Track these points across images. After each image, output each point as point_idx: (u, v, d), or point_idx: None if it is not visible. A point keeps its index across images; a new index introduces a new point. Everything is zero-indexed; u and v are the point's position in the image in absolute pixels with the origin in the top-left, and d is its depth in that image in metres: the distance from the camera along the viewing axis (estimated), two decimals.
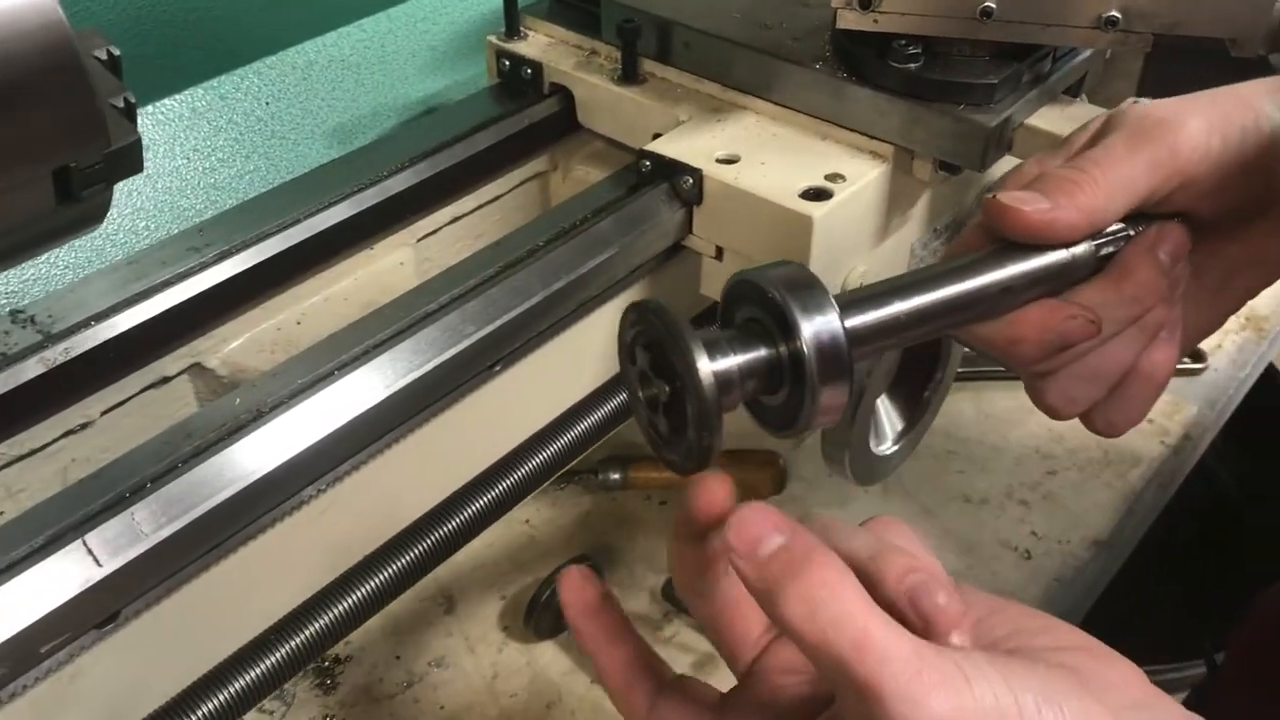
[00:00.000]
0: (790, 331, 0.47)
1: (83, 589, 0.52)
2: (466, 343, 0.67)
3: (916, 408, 0.82)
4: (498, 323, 0.68)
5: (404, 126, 0.99)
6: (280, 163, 0.97)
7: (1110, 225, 0.58)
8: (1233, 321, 1.15)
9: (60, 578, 0.52)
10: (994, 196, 0.57)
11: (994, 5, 0.71)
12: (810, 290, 0.48)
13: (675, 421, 0.49)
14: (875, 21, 0.73)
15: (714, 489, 0.49)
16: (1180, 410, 1.05)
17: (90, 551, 0.53)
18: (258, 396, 0.62)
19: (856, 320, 0.51)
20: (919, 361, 0.82)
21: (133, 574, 0.54)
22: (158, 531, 0.55)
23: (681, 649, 0.84)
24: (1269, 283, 0.64)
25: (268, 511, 0.61)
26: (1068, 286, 0.57)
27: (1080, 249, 0.56)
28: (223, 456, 0.58)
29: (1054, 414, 0.61)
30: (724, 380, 0.47)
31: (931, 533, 0.93)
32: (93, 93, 0.48)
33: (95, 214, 0.53)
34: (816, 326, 0.47)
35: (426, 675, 0.83)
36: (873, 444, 0.79)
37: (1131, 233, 0.58)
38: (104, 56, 0.55)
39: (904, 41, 0.74)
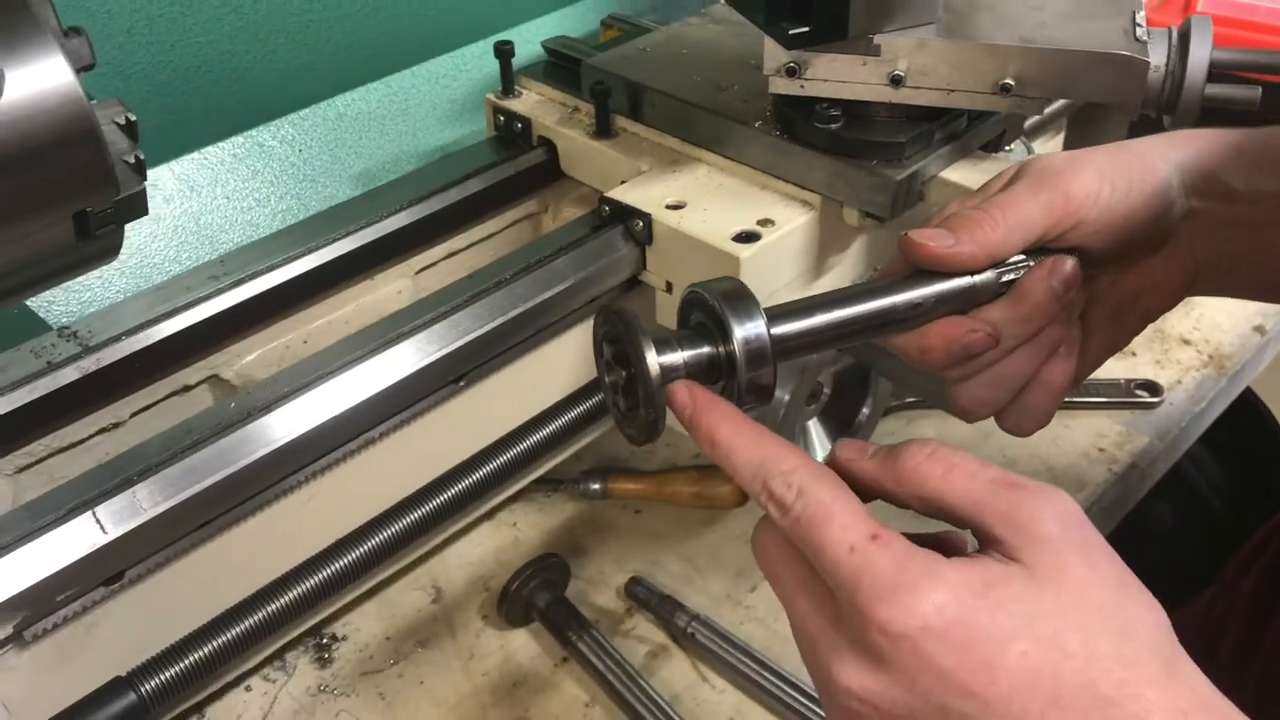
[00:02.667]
0: (725, 334, 0.58)
1: (90, 550, 0.65)
2: (430, 359, 0.78)
3: (847, 431, 0.92)
4: (458, 343, 0.79)
5: (409, 172, 1.11)
6: (310, 204, 1.09)
7: (1009, 257, 0.67)
8: (1196, 358, 1.23)
9: (73, 541, 0.65)
10: (906, 234, 0.66)
11: (902, 73, 0.81)
12: (744, 301, 0.58)
13: (631, 401, 0.60)
14: (801, 87, 0.84)
15: None
16: (1131, 440, 1.12)
17: (98, 521, 0.66)
18: (250, 401, 0.74)
19: (781, 328, 0.61)
20: (851, 390, 0.91)
21: (133, 541, 0.67)
22: (155, 507, 0.67)
23: (639, 640, 0.94)
24: (1167, 307, 0.72)
25: (254, 496, 0.73)
26: (974, 307, 0.67)
27: (983, 276, 0.66)
28: (214, 448, 0.70)
29: (966, 416, 0.70)
30: (667, 369, 0.57)
31: None
32: (105, 152, 0.60)
33: (110, 249, 0.65)
34: (746, 331, 0.57)
35: (411, 654, 0.94)
36: None
37: (1031, 263, 0.67)
38: (122, 122, 0.67)
39: (826, 105, 0.84)
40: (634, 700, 0.87)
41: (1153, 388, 1.16)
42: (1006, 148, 0.94)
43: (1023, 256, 0.67)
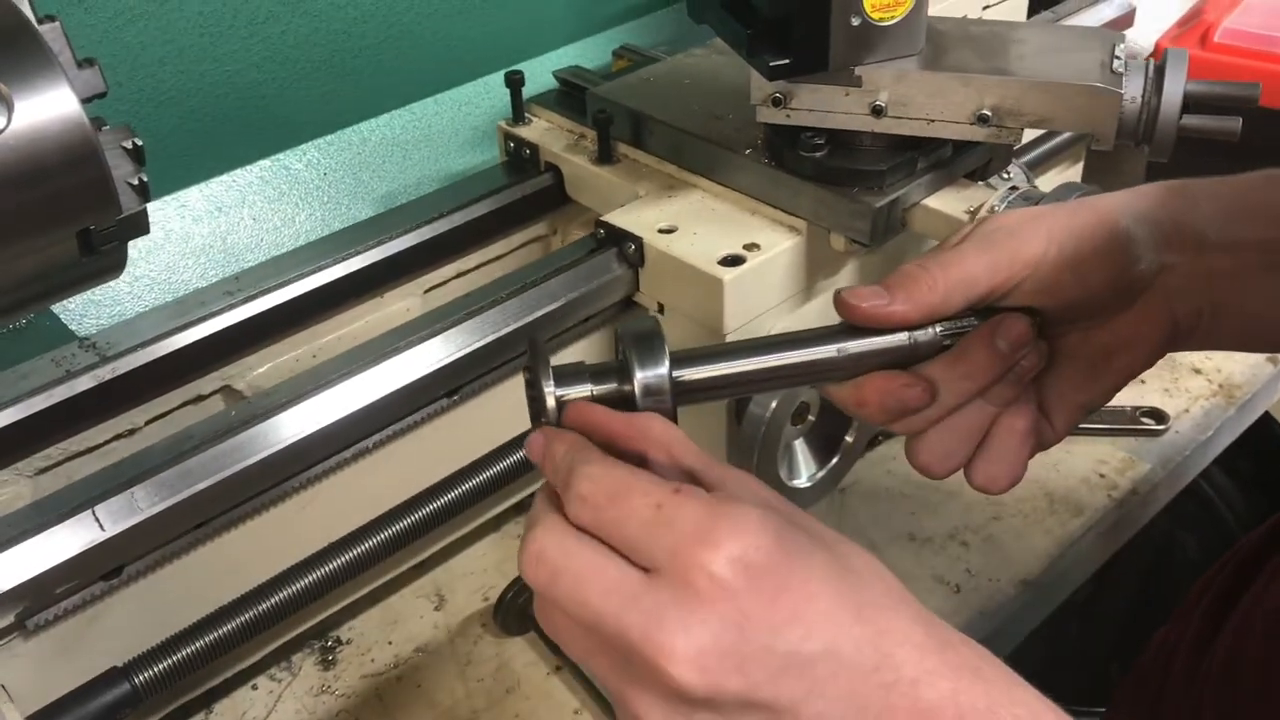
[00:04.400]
0: (628, 374, 0.60)
1: (88, 546, 0.70)
2: (423, 373, 0.82)
3: (834, 451, 0.94)
4: (451, 358, 0.83)
5: (421, 196, 1.15)
6: (334, 225, 1.14)
7: (947, 315, 0.66)
8: (1205, 387, 1.23)
9: (72, 537, 0.70)
10: (839, 291, 0.67)
11: (883, 104, 0.84)
12: (650, 343, 0.61)
13: (537, 424, 0.62)
14: (788, 116, 0.87)
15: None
16: (1133, 467, 1.12)
17: (97, 519, 0.70)
18: (249, 409, 0.78)
19: (684, 373, 0.63)
20: (838, 411, 0.93)
21: (130, 538, 0.71)
22: (151, 507, 0.72)
23: None
24: (1145, 364, 0.70)
25: (250, 499, 0.78)
26: (914, 363, 0.67)
27: (924, 334, 0.66)
28: (210, 453, 0.75)
29: (927, 471, 0.69)
30: (563, 401, 0.60)
31: None
32: (107, 174, 0.65)
33: (114, 266, 0.70)
34: (647, 373, 0.60)
35: (410, 659, 0.97)
36: (786, 477, 0.91)
37: (977, 323, 0.67)
38: (129, 146, 0.72)
39: (811, 134, 0.87)
40: None
41: (1159, 415, 1.17)
42: (1004, 174, 0.96)
43: (972, 318, 0.67)
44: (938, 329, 0.66)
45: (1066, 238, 0.66)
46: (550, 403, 0.59)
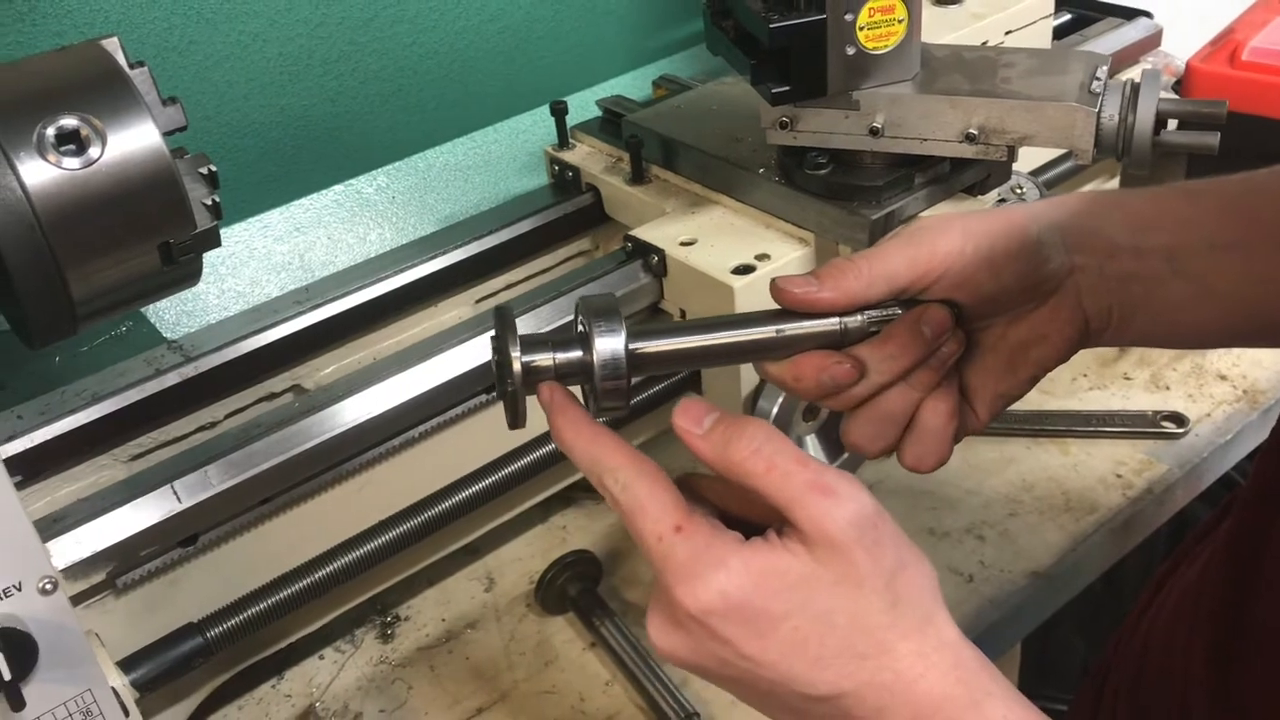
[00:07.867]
0: (588, 344, 0.66)
1: (167, 516, 0.81)
2: (463, 370, 0.92)
3: (844, 449, 1.01)
4: (485, 359, 0.92)
5: (475, 214, 1.25)
6: (401, 243, 1.24)
7: (870, 303, 0.71)
8: (1230, 393, 1.27)
9: (154, 508, 0.81)
10: (774, 279, 0.72)
11: (879, 125, 0.92)
12: (609, 317, 0.66)
13: (501, 389, 0.68)
14: (795, 138, 0.95)
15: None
16: (1150, 468, 1.17)
17: (175, 493, 0.81)
18: (310, 401, 0.89)
19: (639, 344, 0.68)
20: None
21: (203, 510, 0.82)
22: (222, 483, 0.83)
23: None
24: (1060, 358, 0.75)
25: (311, 479, 0.88)
26: (844, 346, 0.72)
27: (851, 320, 0.71)
28: (273, 438, 0.85)
29: (859, 450, 0.75)
30: (529, 367, 0.65)
31: None
32: (184, 195, 0.76)
33: (191, 274, 0.81)
34: (604, 344, 0.65)
35: (461, 634, 1.07)
36: None
37: (900, 311, 0.72)
38: (205, 172, 0.83)
39: (816, 153, 0.95)
40: (646, 682, 0.98)
41: (1179, 419, 1.21)
42: (1016, 189, 1.03)
43: (897, 308, 0.72)
44: (866, 316, 0.71)
45: (982, 238, 0.71)
46: (517, 368, 0.64)
